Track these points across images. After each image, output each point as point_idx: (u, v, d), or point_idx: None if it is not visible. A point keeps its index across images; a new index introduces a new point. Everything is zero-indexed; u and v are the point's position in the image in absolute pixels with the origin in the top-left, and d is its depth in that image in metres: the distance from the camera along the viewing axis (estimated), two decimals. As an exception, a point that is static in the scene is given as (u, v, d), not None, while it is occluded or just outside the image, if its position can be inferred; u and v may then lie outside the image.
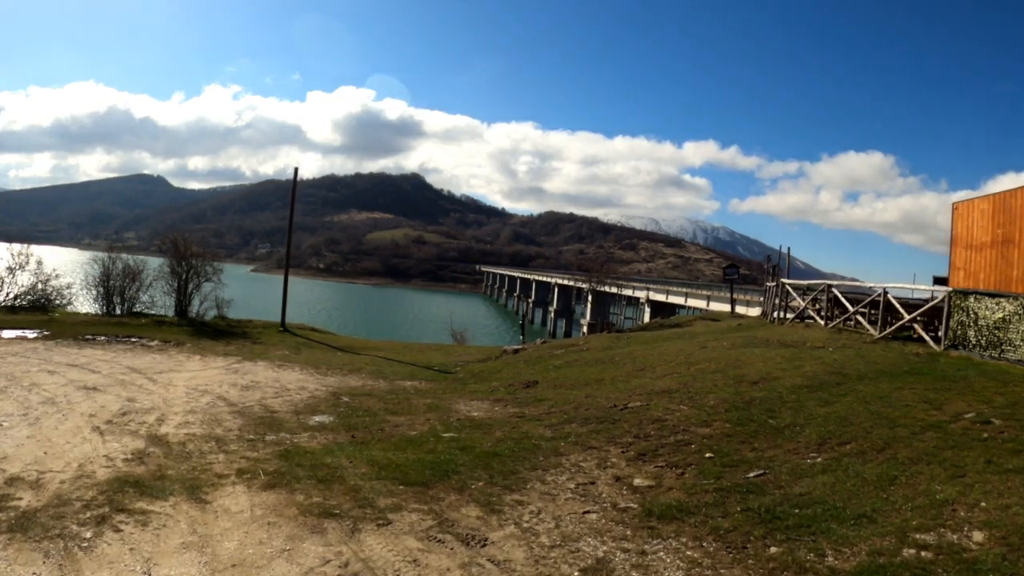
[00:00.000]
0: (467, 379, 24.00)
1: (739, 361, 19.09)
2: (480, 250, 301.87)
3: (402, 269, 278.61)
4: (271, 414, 15.72)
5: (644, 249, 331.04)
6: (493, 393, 19.42)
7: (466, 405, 17.09)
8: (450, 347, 40.49)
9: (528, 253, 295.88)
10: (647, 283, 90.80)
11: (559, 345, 31.71)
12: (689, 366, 19.43)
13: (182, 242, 40.11)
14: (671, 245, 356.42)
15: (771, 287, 36.24)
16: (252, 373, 22.50)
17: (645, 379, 18.52)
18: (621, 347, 27.49)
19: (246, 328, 37.53)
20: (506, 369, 25.60)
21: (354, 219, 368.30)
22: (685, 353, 21.97)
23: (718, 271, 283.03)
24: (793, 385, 15.50)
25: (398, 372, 25.35)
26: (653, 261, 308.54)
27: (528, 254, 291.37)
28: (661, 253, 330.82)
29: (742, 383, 16.12)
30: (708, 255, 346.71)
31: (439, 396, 18.99)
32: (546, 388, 19.39)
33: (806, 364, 17.78)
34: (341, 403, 17.44)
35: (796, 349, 21.02)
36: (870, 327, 24.27)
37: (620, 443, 12.16)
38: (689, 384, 16.46)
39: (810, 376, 16.27)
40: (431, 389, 21.09)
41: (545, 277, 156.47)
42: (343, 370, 24.66)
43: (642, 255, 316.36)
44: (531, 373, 23.07)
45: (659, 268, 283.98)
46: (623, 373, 20.13)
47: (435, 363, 29.42)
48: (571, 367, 23.22)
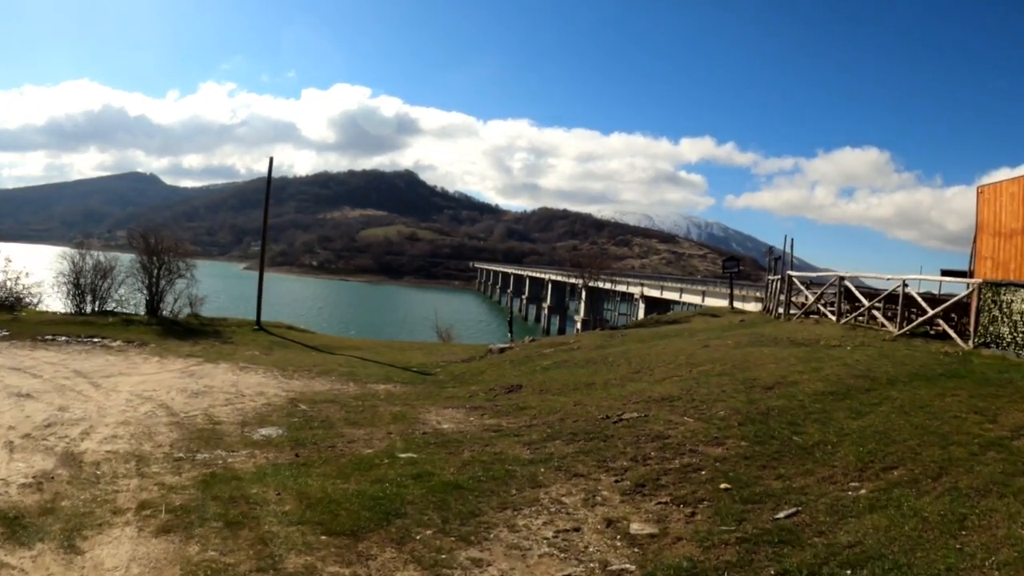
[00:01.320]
0: (446, 382, 22.03)
1: (747, 362, 17.01)
2: (473, 247, 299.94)
3: (395, 266, 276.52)
4: (213, 426, 13.89)
5: (638, 245, 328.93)
6: (471, 399, 17.35)
7: (437, 414, 15.00)
8: (434, 346, 38.35)
9: (522, 250, 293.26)
10: (641, 279, 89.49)
11: (548, 344, 29.59)
12: (691, 368, 17.33)
13: (152, 237, 37.91)
14: (665, 241, 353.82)
15: (773, 281, 34.13)
16: (209, 377, 20.80)
17: (642, 383, 16.39)
18: (615, 346, 25.43)
19: (219, 327, 35.61)
20: (490, 370, 23.58)
21: (347, 216, 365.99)
22: (686, 353, 19.87)
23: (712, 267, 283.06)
24: (815, 391, 13.46)
25: (372, 374, 23.52)
26: (647, 257, 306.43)
27: (522, 251, 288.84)
28: (655, 249, 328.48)
29: (754, 389, 14.04)
30: (702, 251, 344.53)
31: (410, 403, 16.99)
32: (530, 393, 17.28)
33: (825, 366, 15.74)
34: (297, 412, 15.53)
35: (810, 348, 18.98)
36: (887, 323, 22.25)
37: (613, 468, 9.90)
38: (693, 390, 14.31)
39: (833, 380, 14.27)
40: (404, 394, 19.13)
41: (539, 273, 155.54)
42: (312, 372, 22.91)
43: (636, 251, 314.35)
44: (516, 375, 21.05)
45: (653, 264, 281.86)
46: (617, 376, 17.97)
47: (415, 364, 27.49)
48: (560, 368, 21.12)
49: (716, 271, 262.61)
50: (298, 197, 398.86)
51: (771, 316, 31.36)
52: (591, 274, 44.68)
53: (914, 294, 21.58)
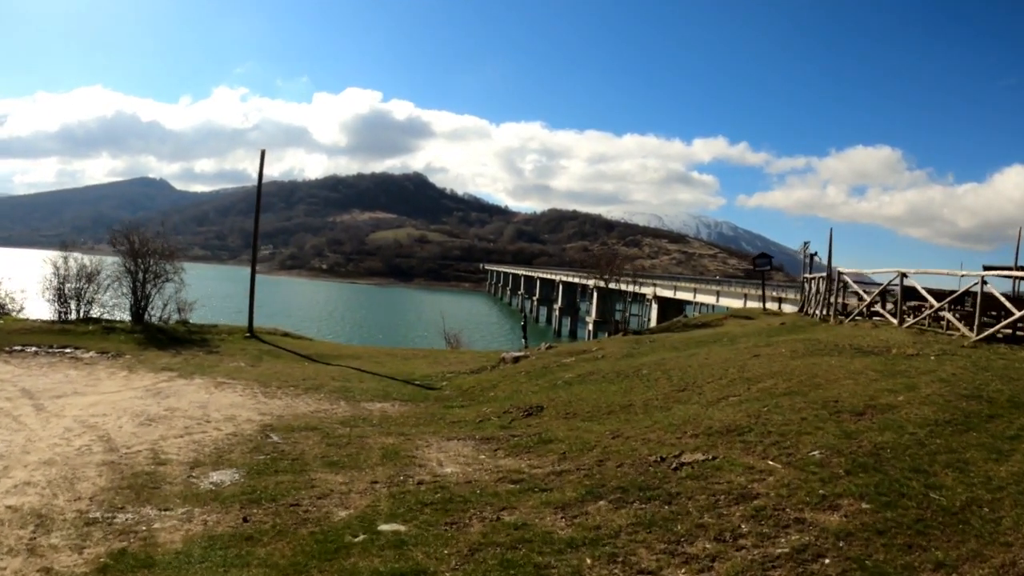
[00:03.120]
0: (452, 399, 19.31)
1: (816, 377, 13.95)
2: (483, 248, 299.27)
3: (405, 269, 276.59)
4: (156, 467, 11.05)
5: (648, 245, 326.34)
6: (481, 425, 14.40)
7: (439, 450, 12.01)
8: (441, 353, 35.23)
9: (531, 251, 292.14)
10: (654, 279, 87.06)
11: (568, 351, 26.50)
12: (748, 385, 14.29)
13: (136, 238, 35.00)
14: (675, 241, 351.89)
15: (813, 279, 30.98)
16: (177, 396, 17.96)
17: (693, 406, 13.33)
18: (645, 354, 22.41)
19: (208, 334, 32.69)
20: (503, 384, 20.68)
21: (356, 219, 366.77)
22: (735, 364, 16.83)
23: (723, 266, 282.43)
24: (923, 419, 10.46)
25: (369, 389, 20.74)
26: (657, 257, 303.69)
27: (531, 252, 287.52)
28: (665, 249, 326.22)
29: (841, 415, 10.99)
30: (712, 251, 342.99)
31: (407, 431, 14.04)
32: (554, 418, 14.29)
33: (918, 382, 12.69)
34: (267, 445, 12.62)
35: (882, 358, 15.94)
36: (962, 326, 19.19)
37: (693, 558, 6.63)
38: (763, 417, 11.26)
39: (939, 404, 11.23)
40: (402, 416, 16.37)
41: (549, 274, 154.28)
42: (299, 388, 20.11)
43: (646, 251, 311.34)
44: (534, 391, 18.16)
45: (663, 264, 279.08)
46: (658, 395, 14.92)
47: (418, 375, 24.70)
48: (585, 383, 18.09)
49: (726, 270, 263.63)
50: (308, 200, 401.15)
51: (812, 318, 28.29)
52: (610, 274, 41.66)
53: (996, 293, 18.66)
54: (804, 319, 28.26)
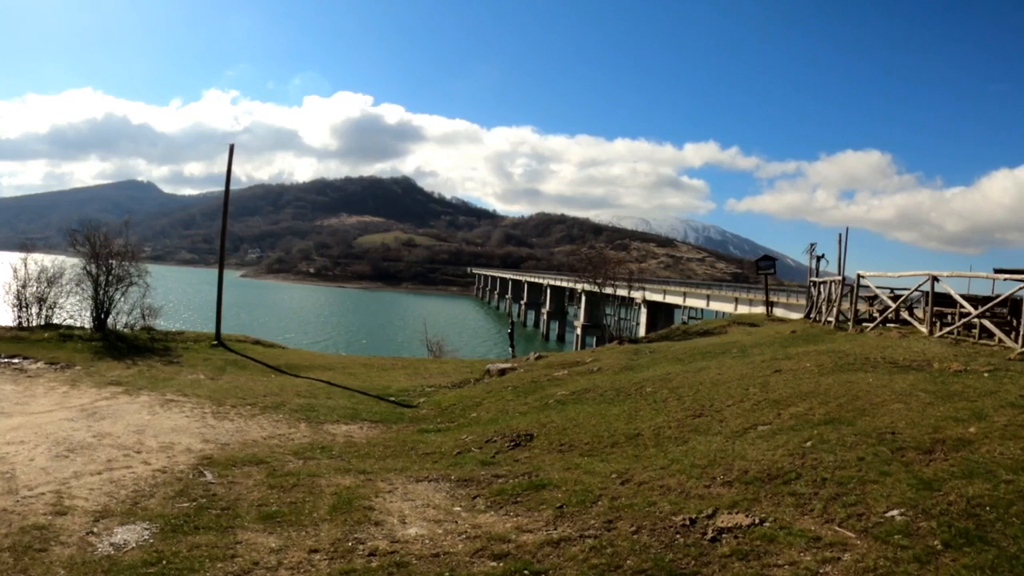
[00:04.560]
0: (429, 420, 17.07)
1: (856, 399, 11.69)
2: (471, 252, 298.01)
3: (392, 272, 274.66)
4: (54, 519, 8.87)
5: (636, 249, 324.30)
6: (459, 460, 12.11)
7: (404, 497, 9.74)
8: (422, 362, 32.83)
9: (519, 254, 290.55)
10: (643, 282, 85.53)
11: (560, 362, 24.14)
12: (776, 408, 12.00)
13: (97, 238, 32.52)
14: (663, 245, 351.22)
15: (823, 283, 28.70)
16: (114, 417, 15.62)
17: (714, 437, 11.04)
18: (646, 367, 20.16)
19: (172, 342, 30.35)
20: (487, 401, 18.42)
21: (344, 223, 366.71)
22: (754, 381, 14.54)
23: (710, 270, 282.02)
24: (1014, 460, 8.24)
25: (336, 408, 18.50)
26: (645, 261, 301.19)
27: (519, 255, 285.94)
28: (653, 253, 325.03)
29: (906, 453, 8.77)
30: (700, 254, 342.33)
31: (371, 467, 11.80)
32: (546, 451, 12.01)
33: (986, 408, 10.43)
34: (196, 487, 10.36)
35: (927, 374, 13.64)
36: (1006, 337, 17.00)
37: None
38: (809, 456, 9.00)
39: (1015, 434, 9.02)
40: (368, 445, 14.13)
41: (537, 278, 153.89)
42: (256, 407, 17.85)
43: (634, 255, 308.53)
44: (522, 412, 15.92)
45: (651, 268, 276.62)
46: (670, 421, 12.59)
47: (394, 389, 22.51)
48: (582, 403, 15.75)
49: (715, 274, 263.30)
50: (295, 204, 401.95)
51: (823, 325, 26.03)
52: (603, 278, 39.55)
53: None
54: (815, 327, 25.95)
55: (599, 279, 39.74)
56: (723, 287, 75.39)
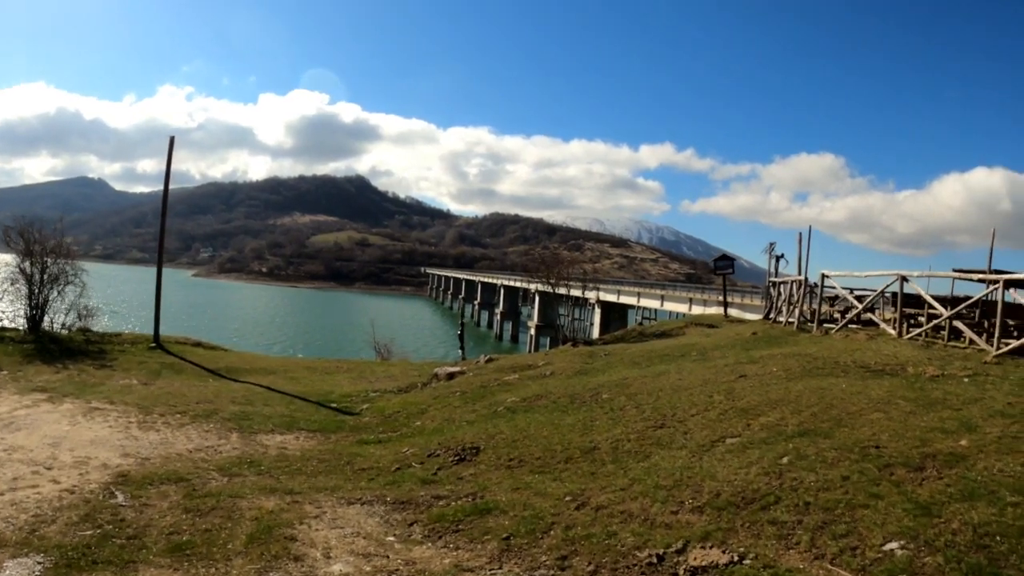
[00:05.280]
0: (370, 430, 16.03)
1: (831, 408, 10.76)
2: (425, 252, 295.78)
3: (346, 272, 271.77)
4: None
5: (590, 250, 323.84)
6: (398, 478, 10.98)
7: (332, 525, 8.61)
8: (368, 365, 31.54)
9: (473, 255, 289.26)
10: (597, 282, 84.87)
11: (511, 366, 23.07)
12: (744, 418, 11.01)
13: (32, 235, 30.88)
14: (617, 245, 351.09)
15: (784, 283, 27.86)
16: (31, 428, 14.31)
17: (679, 452, 10.01)
18: (602, 371, 19.19)
19: (108, 344, 28.82)
20: (433, 408, 17.37)
21: (297, 222, 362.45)
22: (718, 388, 13.57)
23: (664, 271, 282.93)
24: (1016, 479, 7.32)
25: (272, 416, 17.30)
26: (599, 261, 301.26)
27: (473, 256, 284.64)
28: (607, 253, 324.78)
29: (894, 471, 7.84)
30: (654, 255, 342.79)
31: (300, 486, 10.62)
32: (494, 467, 10.90)
33: (974, 418, 9.57)
34: (104, 511, 9.15)
35: (903, 380, 12.78)
36: (981, 341, 16.21)
37: None
38: (787, 475, 8.01)
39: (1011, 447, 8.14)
40: (302, 458, 12.97)
41: (491, 278, 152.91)
42: (187, 415, 16.54)
43: (587, 255, 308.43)
44: (469, 421, 14.88)
45: (605, 268, 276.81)
46: (629, 432, 11.49)
47: (337, 395, 21.42)
48: (533, 411, 14.67)
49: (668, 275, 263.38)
50: (248, 203, 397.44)
51: (784, 326, 25.24)
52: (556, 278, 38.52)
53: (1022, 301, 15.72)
54: (776, 328, 25.12)
55: (552, 279, 38.75)
56: (677, 287, 74.75)
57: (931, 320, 18.17)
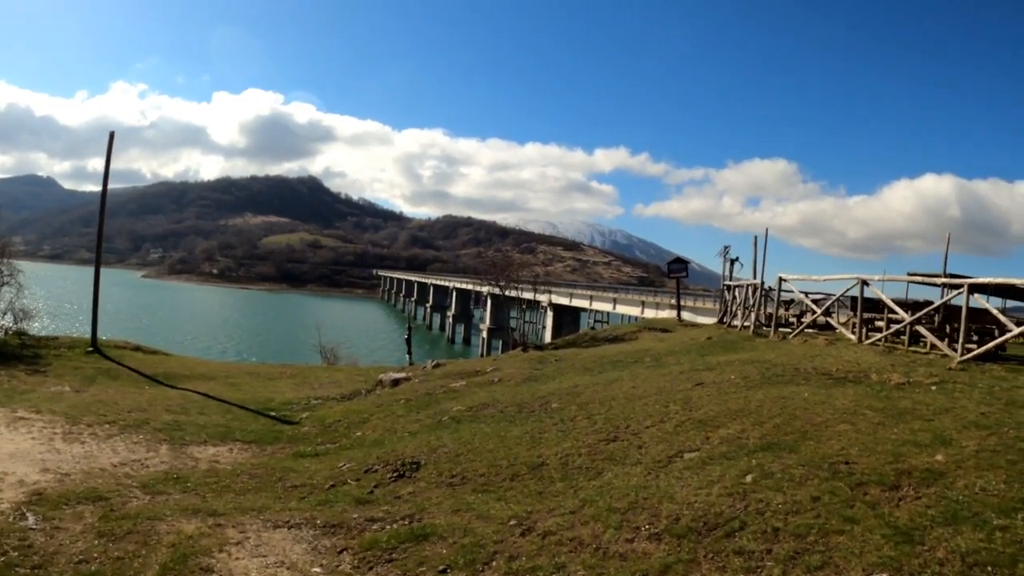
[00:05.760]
0: (308, 441, 15.15)
1: (795, 418, 10.14)
2: (377, 254, 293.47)
3: (297, 274, 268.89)
4: None
5: (542, 252, 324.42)
6: (331, 497, 10.12)
7: (254, 552, 7.82)
8: (313, 371, 30.49)
9: (426, 257, 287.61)
10: (550, 285, 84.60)
11: (458, 371, 22.26)
12: (703, 431, 10.32)
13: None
14: (569, 248, 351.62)
15: (740, 287, 27.29)
16: (-55, 442, 13.07)
17: (633, 468, 9.28)
18: (551, 377, 18.45)
19: (44, 348, 27.47)
20: (376, 417, 16.54)
21: (249, 223, 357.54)
22: (674, 396, 12.89)
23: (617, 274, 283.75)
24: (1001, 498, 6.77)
25: (207, 426, 16.29)
26: (551, 264, 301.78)
27: (426, 258, 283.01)
28: (559, 256, 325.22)
29: (868, 489, 7.27)
30: (606, 258, 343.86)
31: (226, 506, 9.76)
32: (434, 485, 10.10)
33: (947, 430, 9.03)
34: (12, 535, 8.28)
35: (868, 388, 12.18)
36: (941, 344, 15.74)
37: None
38: (751, 496, 7.35)
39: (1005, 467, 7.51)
40: (232, 473, 12.06)
41: (443, 281, 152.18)
42: (117, 425, 15.44)
43: (540, 258, 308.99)
44: (412, 432, 14.09)
45: (557, 271, 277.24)
46: (580, 446, 10.71)
47: (278, 402, 20.45)
48: (478, 421, 13.87)
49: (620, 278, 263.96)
50: (199, 203, 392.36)
51: (740, 331, 24.72)
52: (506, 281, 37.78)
53: (990, 307, 15.26)
54: (732, 332, 24.57)
55: (501, 282, 38.02)
56: (630, 291, 74.41)
57: (892, 325, 17.67)
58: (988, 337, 17.03)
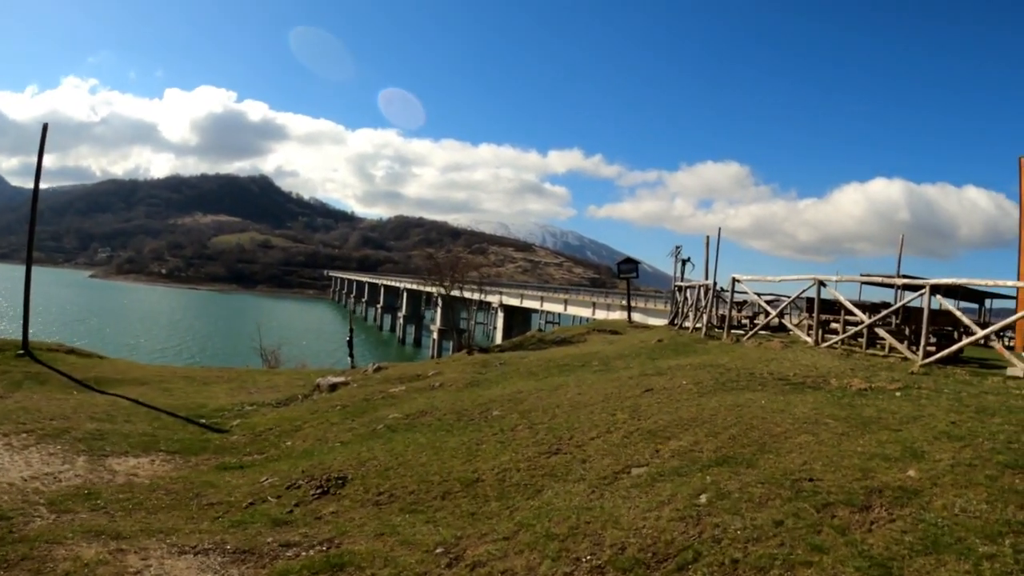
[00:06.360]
0: (237, 450, 14.11)
1: (752, 428, 9.41)
2: (328, 255, 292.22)
3: (247, 274, 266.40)
4: None
5: (494, 253, 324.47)
6: (246, 519, 9.11)
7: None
8: (251, 374, 29.29)
9: (377, 258, 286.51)
10: (500, 286, 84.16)
11: (398, 376, 21.32)
12: (652, 442, 9.52)
13: None
14: (521, 249, 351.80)
15: (692, 288, 26.65)
16: None
17: (576, 486, 8.43)
18: (495, 383, 17.60)
19: (-29, 352, 26.05)
20: (309, 425, 15.53)
21: (199, 222, 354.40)
22: (621, 404, 12.09)
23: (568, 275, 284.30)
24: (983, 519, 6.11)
25: (131, 435, 15.06)
26: (503, 265, 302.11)
27: (377, 259, 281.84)
28: (511, 257, 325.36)
29: (836, 510, 6.55)
30: (558, 259, 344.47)
31: (132, 528, 8.66)
32: (359, 505, 9.16)
33: (917, 440, 8.35)
34: None
35: (829, 395, 11.47)
36: (901, 347, 15.17)
37: None
38: (705, 520, 6.54)
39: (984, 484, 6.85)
40: (147, 490, 10.90)
41: (394, 282, 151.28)
42: (34, 435, 14.18)
43: (492, 259, 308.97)
44: (343, 443, 13.12)
45: (509, 272, 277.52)
46: (519, 459, 9.83)
47: (210, 408, 19.28)
48: (414, 430, 12.95)
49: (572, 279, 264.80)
50: (148, 201, 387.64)
51: (692, 333, 24.08)
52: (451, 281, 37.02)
53: (953, 309, 14.71)
54: (683, 334, 23.91)
55: (445, 282, 37.24)
56: (581, 292, 74.23)
57: (849, 327, 17.08)
58: (946, 339, 16.65)
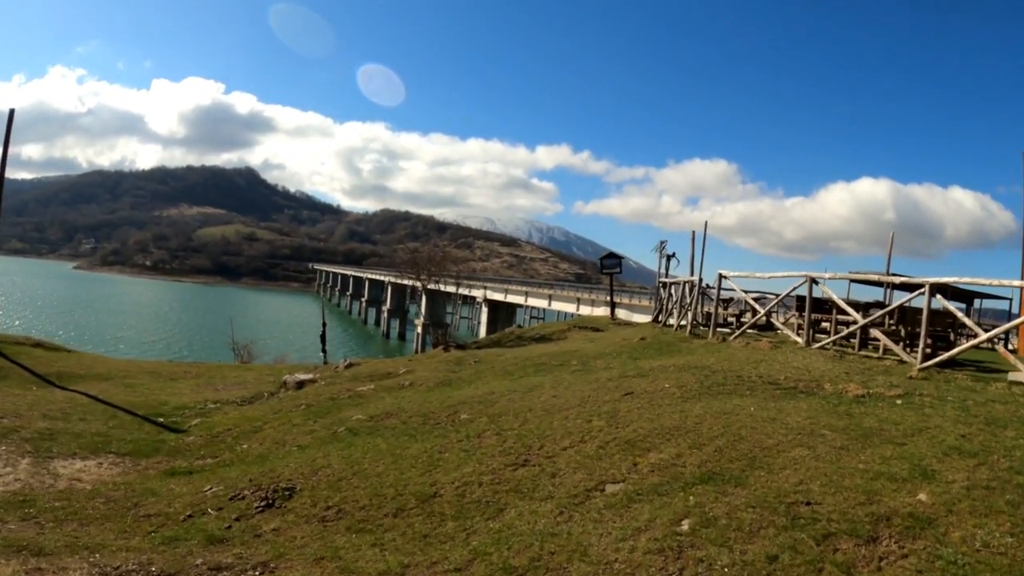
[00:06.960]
0: (191, 452, 13.27)
1: (740, 440, 8.51)
2: (313, 248, 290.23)
3: (232, 267, 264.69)
4: None
5: (480, 248, 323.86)
6: (180, 534, 8.11)
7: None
8: (221, 369, 28.23)
9: (363, 251, 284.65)
10: (484, 281, 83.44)
11: (369, 374, 20.37)
12: (630, 454, 8.61)
13: None
14: (507, 244, 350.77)
15: (677, 284, 25.71)
16: None
17: (542, 506, 7.50)
18: (467, 382, 16.74)
19: (-68, 346, 25.01)
20: (269, 426, 14.63)
21: (184, 214, 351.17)
22: (598, 408, 11.17)
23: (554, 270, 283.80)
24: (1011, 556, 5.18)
25: (83, 434, 14.18)
26: (489, 260, 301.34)
27: (362, 252, 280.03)
28: (497, 252, 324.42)
29: (839, 542, 5.68)
30: (544, 254, 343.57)
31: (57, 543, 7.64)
32: (304, 521, 8.20)
33: (926, 457, 7.50)
34: None
35: (823, 401, 10.55)
36: (897, 349, 14.33)
37: None
38: (687, 554, 5.64)
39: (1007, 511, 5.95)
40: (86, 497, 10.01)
41: (378, 275, 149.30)
42: None
43: (478, 254, 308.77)
44: (300, 447, 12.25)
45: (495, 267, 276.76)
46: (483, 470, 8.90)
47: (172, 406, 18.32)
48: (377, 434, 12.01)
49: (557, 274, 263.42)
50: (134, 193, 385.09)
51: (676, 331, 23.22)
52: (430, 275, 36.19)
53: (955, 310, 13.82)
54: (667, 332, 23.03)
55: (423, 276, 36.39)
56: (565, 287, 73.67)
57: (841, 327, 16.24)
58: (941, 341, 15.85)
